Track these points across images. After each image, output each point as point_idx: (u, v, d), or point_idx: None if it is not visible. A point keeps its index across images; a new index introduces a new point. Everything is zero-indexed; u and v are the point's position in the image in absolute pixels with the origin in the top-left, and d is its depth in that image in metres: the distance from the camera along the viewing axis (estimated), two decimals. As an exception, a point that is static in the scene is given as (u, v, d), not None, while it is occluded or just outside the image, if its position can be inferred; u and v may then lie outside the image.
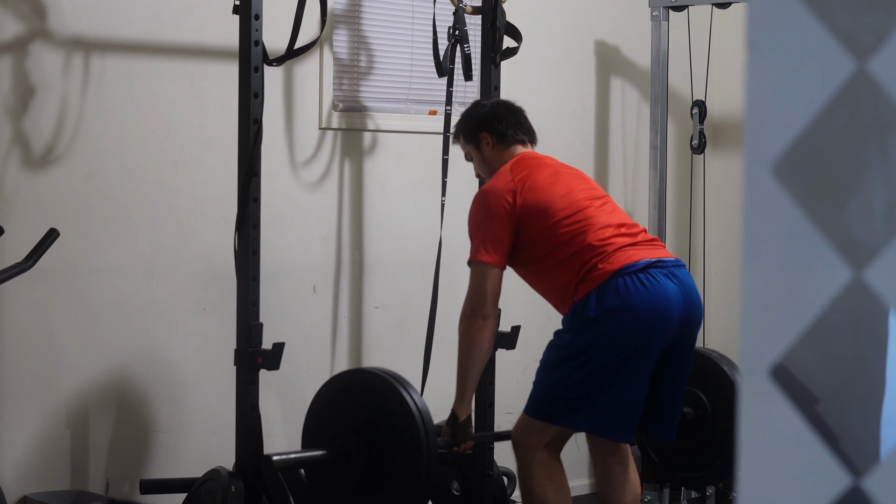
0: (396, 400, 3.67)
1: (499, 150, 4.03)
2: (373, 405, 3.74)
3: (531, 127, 4.12)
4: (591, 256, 3.74)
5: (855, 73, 1.05)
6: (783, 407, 1.08)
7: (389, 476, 3.68)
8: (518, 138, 4.05)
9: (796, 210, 1.07)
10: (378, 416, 3.72)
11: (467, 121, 4.12)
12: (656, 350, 3.71)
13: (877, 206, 1.04)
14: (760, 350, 1.09)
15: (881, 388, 1.08)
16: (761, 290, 1.09)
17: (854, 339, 1.07)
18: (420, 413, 3.64)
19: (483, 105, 4.15)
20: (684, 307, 3.75)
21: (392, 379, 3.72)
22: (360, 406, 3.78)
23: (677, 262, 3.83)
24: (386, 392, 3.72)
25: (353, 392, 3.82)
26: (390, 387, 3.71)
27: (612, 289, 3.69)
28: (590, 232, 3.78)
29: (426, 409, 3.67)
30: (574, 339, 3.74)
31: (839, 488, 1.07)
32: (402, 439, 3.66)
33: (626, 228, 3.84)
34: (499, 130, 4.03)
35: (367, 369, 3.93)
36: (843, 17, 1.05)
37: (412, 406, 3.64)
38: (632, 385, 3.70)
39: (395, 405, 3.67)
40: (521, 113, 4.12)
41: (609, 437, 3.82)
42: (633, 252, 3.76)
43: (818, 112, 1.07)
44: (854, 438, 1.08)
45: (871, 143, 1.05)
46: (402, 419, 3.65)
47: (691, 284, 3.82)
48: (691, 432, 4.45)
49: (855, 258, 1.05)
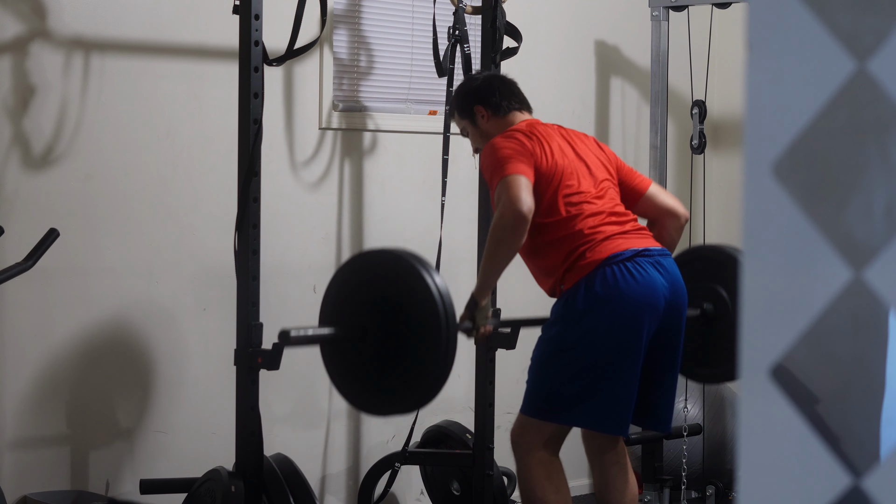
0: (415, 278, 3.48)
1: (495, 121, 4.00)
2: (392, 283, 3.54)
3: (525, 97, 4.08)
4: (580, 244, 3.74)
5: (855, 73, 1.05)
6: (783, 407, 1.08)
7: (407, 353, 3.48)
8: (513, 107, 4.02)
9: (796, 210, 1.07)
10: (397, 293, 3.52)
11: (460, 95, 4.08)
12: (644, 339, 3.72)
13: (877, 206, 1.04)
14: (760, 350, 1.09)
15: (881, 388, 1.08)
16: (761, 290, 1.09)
17: (854, 339, 1.07)
18: (440, 292, 3.49)
19: (475, 78, 4.13)
20: (670, 296, 3.77)
21: (412, 259, 3.52)
22: (379, 284, 3.56)
23: (663, 252, 3.84)
24: (405, 270, 3.51)
25: (373, 270, 3.62)
26: (410, 266, 3.51)
27: (600, 278, 3.70)
28: (582, 217, 3.77)
29: (446, 290, 3.48)
30: (563, 333, 3.74)
31: (839, 488, 1.07)
32: (420, 317, 3.47)
33: (616, 217, 3.83)
34: (493, 102, 4.01)
35: (388, 249, 3.73)
36: (843, 17, 1.05)
37: (431, 285, 3.50)
38: (624, 377, 3.71)
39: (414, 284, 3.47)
40: (514, 84, 4.09)
41: (606, 431, 3.83)
42: (621, 241, 3.76)
43: (818, 112, 1.07)
44: (854, 438, 1.08)
45: (871, 143, 1.05)
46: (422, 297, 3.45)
47: (677, 274, 3.83)
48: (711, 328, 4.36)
49: (855, 258, 1.06)
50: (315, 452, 4.84)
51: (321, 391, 4.83)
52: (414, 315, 3.48)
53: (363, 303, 3.56)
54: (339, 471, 4.92)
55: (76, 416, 4.34)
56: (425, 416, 4.72)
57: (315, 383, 4.83)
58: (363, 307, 3.55)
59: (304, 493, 4.11)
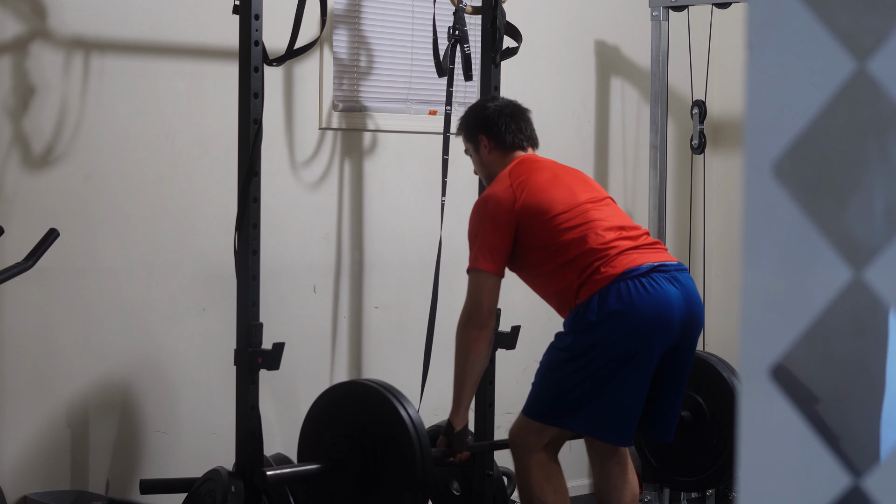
0: (390, 411, 3.72)
1: (496, 155, 4.01)
2: (368, 415, 3.78)
3: (533, 132, 4.08)
4: (594, 260, 3.73)
5: (855, 73, 1.05)
6: (783, 407, 1.08)
7: (385, 484, 3.71)
8: (517, 143, 4.02)
9: (796, 210, 1.07)
10: (373, 426, 3.75)
11: (469, 119, 4.09)
12: (657, 353, 3.70)
13: (877, 206, 1.04)
14: (760, 350, 1.09)
15: (881, 388, 1.08)
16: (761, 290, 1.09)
17: (854, 339, 1.07)
18: (414, 424, 3.69)
19: (487, 106, 4.09)
20: (686, 311, 3.74)
21: (386, 391, 3.75)
22: (356, 416, 3.81)
23: (679, 266, 3.81)
24: (380, 403, 3.76)
25: (349, 402, 3.85)
26: (384, 398, 3.75)
27: (615, 292, 3.67)
28: (591, 235, 3.76)
29: (420, 421, 3.73)
30: (575, 342, 3.73)
31: (839, 488, 1.06)
32: (396, 449, 3.70)
33: (627, 231, 3.82)
34: (498, 134, 4.01)
35: (362, 381, 3.96)
36: (843, 17, 1.05)
37: (406, 417, 3.68)
38: (631, 388, 3.69)
39: (390, 416, 3.71)
40: (525, 117, 4.08)
41: (607, 440, 3.81)
42: (636, 256, 3.74)
43: (818, 112, 1.07)
44: (854, 438, 1.08)
45: (871, 143, 1.05)
46: (397, 430, 3.69)
47: (693, 289, 3.81)
48: (689, 436, 4.45)
49: (855, 258, 1.05)
50: (315, 452, 4.84)
51: (321, 390, 4.83)
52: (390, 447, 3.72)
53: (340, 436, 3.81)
54: (339, 471, 4.92)
55: (76, 416, 4.34)
56: (425, 415, 4.71)
57: (315, 383, 4.83)
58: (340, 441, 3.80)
59: (304, 497, 4.11)
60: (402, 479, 3.67)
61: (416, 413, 3.72)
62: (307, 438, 3.94)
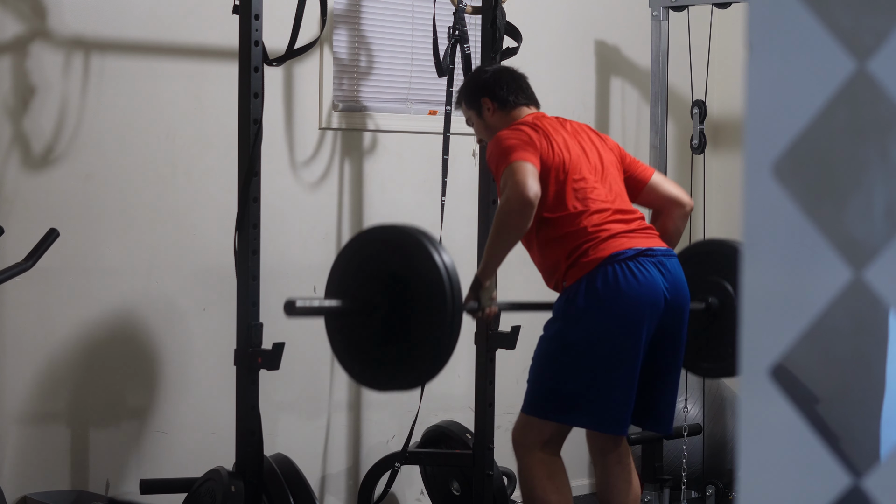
0: (423, 255, 3.47)
1: (500, 115, 3.99)
2: (400, 259, 3.53)
3: (533, 92, 4.07)
4: (584, 241, 3.74)
5: (855, 73, 1.05)
6: (783, 407, 1.08)
7: (412, 329, 3.49)
8: (520, 102, 4.01)
9: (796, 210, 1.07)
10: (405, 269, 3.51)
11: (469, 86, 4.08)
12: (644, 339, 3.72)
13: (877, 206, 1.04)
14: (760, 350, 1.09)
15: (881, 388, 1.08)
16: (761, 290, 1.09)
17: (854, 339, 1.07)
18: (447, 269, 3.50)
19: (485, 71, 4.12)
20: (671, 297, 3.76)
21: (420, 235, 3.51)
22: (387, 259, 3.55)
23: (667, 252, 3.82)
24: (414, 248, 3.51)
25: (381, 245, 3.61)
26: (418, 242, 3.50)
27: (601, 277, 3.69)
28: (587, 213, 3.76)
29: (453, 267, 3.47)
30: (564, 331, 3.74)
31: (839, 488, 1.07)
32: (427, 293, 3.47)
33: (622, 215, 3.82)
34: (500, 96, 4.00)
35: (396, 225, 3.74)
36: (843, 17, 1.05)
37: (439, 262, 3.50)
38: (623, 377, 3.71)
39: (422, 260, 3.46)
40: (524, 79, 4.07)
41: (605, 430, 3.83)
42: (625, 239, 3.76)
43: (818, 112, 1.07)
44: (854, 438, 1.08)
45: (871, 143, 1.05)
46: (429, 275, 3.45)
47: (680, 274, 3.82)
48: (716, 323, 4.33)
49: (855, 258, 1.05)
50: (315, 452, 4.84)
51: (321, 391, 4.83)
52: (421, 291, 3.46)
53: (370, 277, 3.54)
54: (339, 471, 4.92)
55: (76, 416, 4.34)
56: (425, 416, 4.72)
57: (315, 383, 4.83)
58: (370, 282, 3.53)
59: (304, 493, 4.11)
60: (432, 324, 3.44)
61: (450, 259, 3.54)
62: (338, 278, 3.67)
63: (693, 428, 5.04)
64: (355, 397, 4.93)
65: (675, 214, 4.03)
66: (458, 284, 3.43)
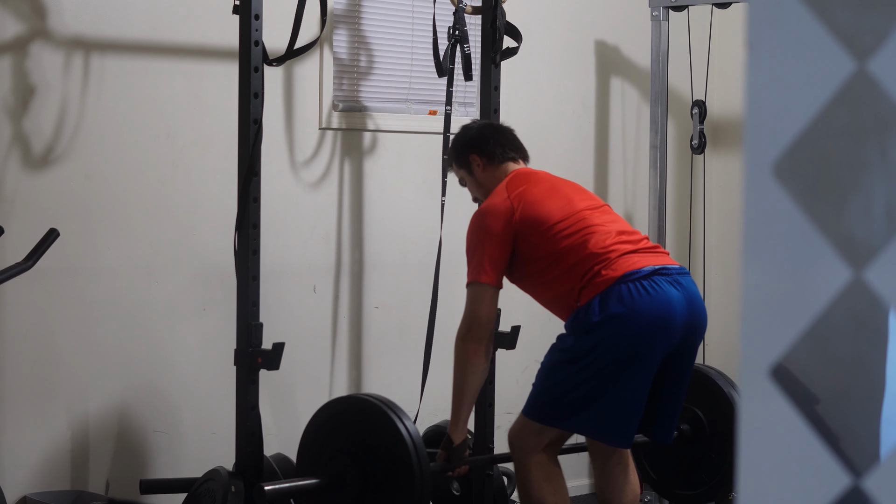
0: (388, 426, 3.77)
1: (490, 171, 4.04)
2: (366, 430, 3.81)
3: (521, 144, 4.12)
4: (594, 263, 3.73)
5: (855, 73, 1.05)
6: (783, 407, 1.08)
7: (385, 499, 3.75)
8: (508, 156, 4.06)
9: (796, 210, 1.07)
10: (372, 441, 3.79)
11: (457, 145, 4.16)
12: (658, 356, 3.70)
13: (877, 206, 1.04)
14: (760, 350, 1.09)
15: (881, 388, 1.08)
16: (761, 290, 1.09)
17: (854, 339, 1.07)
18: (412, 439, 3.73)
19: (470, 128, 4.18)
20: (688, 314, 3.74)
21: (384, 405, 3.80)
22: (354, 430, 3.84)
23: (681, 270, 3.82)
24: (378, 418, 3.80)
25: (347, 416, 3.89)
26: (382, 413, 3.79)
27: (616, 295, 3.67)
28: (591, 240, 3.77)
29: (418, 436, 3.78)
30: (576, 343, 3.73)
31: (839, 488, 1.06)
32: (395, 465, 3.75)
33: (627, 236, 3.83)
34: (487, 150, 4.05)
35: (361, 395, 4.03)
36: (843, 17, 1.05)
37: (404, 433, 3.73)
38: (632, 390, 3.69)
39: (388, 431, 3.76)
40: (510, 131, 4.15)
41: (608, 441, 3.81)
42: (637, 259, 3.74)
43: (818, 112, 1.07)
44: (854, 438, 1.08)
45: (871, 143, 1.05)
46: (395, 445, 3.73)
47: (695, 292, 3.81)
48: (688, 448, 4.44)
49: (855, 258, 1.05)
50: (315, 452, 4.84)
51: (321, 390, 4.83)
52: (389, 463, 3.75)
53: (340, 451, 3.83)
54: (339, 471, 4.92)
55: (76, 416, 4.34)
56: (425, 416, 4.72)
57: (315, 383, 4.83)
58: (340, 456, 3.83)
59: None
60: (402, 494, 3.70)
61: (414, 428, 3.77)
62: (306, 452, 3.96)
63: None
64: (355, 397, 4.94)
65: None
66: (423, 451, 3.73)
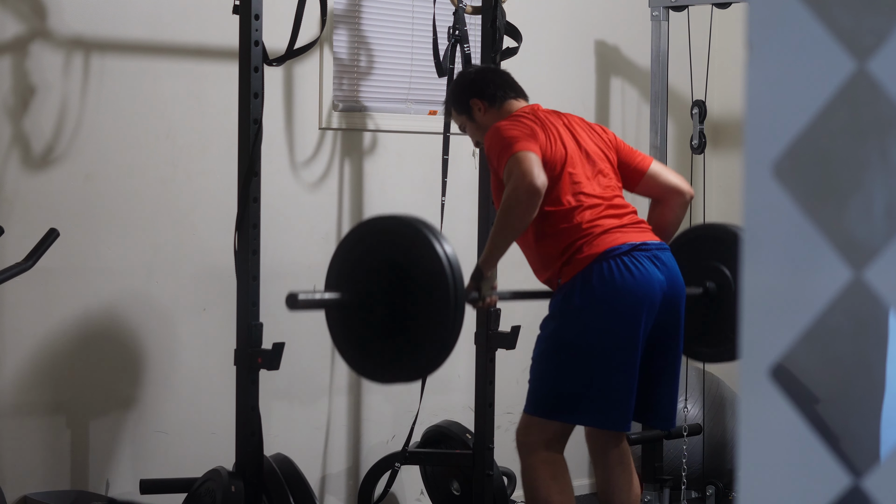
0: (425, 245, 3.41)
1: (492, 113, 3.96)
2: (401, 250, 3.47)
3: (520, 86, 4.04)
4: (578, 238, 3.73)
5: (855, 73, 1.05)
6: (783, 407, 1.08)
7: (414, 320, 3.43)
8: (509, 96, 3.99)
9: (796, 210, 1.07)
10: (406, 260, 3.44)
11: (456, 91, 4.05)
12: (641, 334, 3.71)
13: (877, 206, 1.04)
14: (760, 350, 1.09)
15: (881, 388, 1.08)
16: (761, 290, 1.09)
17: (854, 339, 1.07)
18: (449, 260, 3.43)
19: (468, 73, 4.11)
20: (668, 291, 3.76)
21: (421, 226, 3.45)
22: (388, 250, 3.49)
23: (661, 246, 3.82)
24: (414, 237, 3.44)
25: (382, 236, 3.54)
26: (418, 233, 3.44)
27: (597, 273, 3.69)
28: (581, 209, 3.75)
29: (455, 258, 3.40)
30: (561, 329, 3.74)
31: (839, 488, 1.07)
32: (429, 284, 3.40)
33: (614, 209, 3.82)
34: (488, 93, 3.97)
35: (396, 215, 3.65)
36: (843, 17, 1.05)
37: (441, 253, 3.37)
38: (623, 372, 3.71)
39: (424, 251, 3.40)
40: (508, 74, 4.06)
41: (609, 427, 3.82)
42: (619, 234, 3.75)
43: (818, 112, 1.07)
44: (854, 438, 1.08)
45: (871, 143, 1.05)
46: (431, 264, 3.38)
47: (675, 268, 3.82)
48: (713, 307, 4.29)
49: (855, 258, 1.05)
50: (315, 452, 4.84)
51: (322, 391, 4.83)
52: (422, 282, 3.40)
53: (371, 269, 3.48)
54: (339, 471, 4.92)
55: (77, 416, 4.34)
56: (425, 416, 4.72)
57: (315, 382, 4.83)
58: (371, 274, 3.48)
59: (304, 493, 4.11)
60: (435, 315, 3.38)
61: (452, 250, 3.47)
62: (337, 270, 3.60)
63: (693, 428, 5.04)
64: (356, 397, 4.94)
65: (675, 203, 4.02)
66: (460, 274, 3.36)
